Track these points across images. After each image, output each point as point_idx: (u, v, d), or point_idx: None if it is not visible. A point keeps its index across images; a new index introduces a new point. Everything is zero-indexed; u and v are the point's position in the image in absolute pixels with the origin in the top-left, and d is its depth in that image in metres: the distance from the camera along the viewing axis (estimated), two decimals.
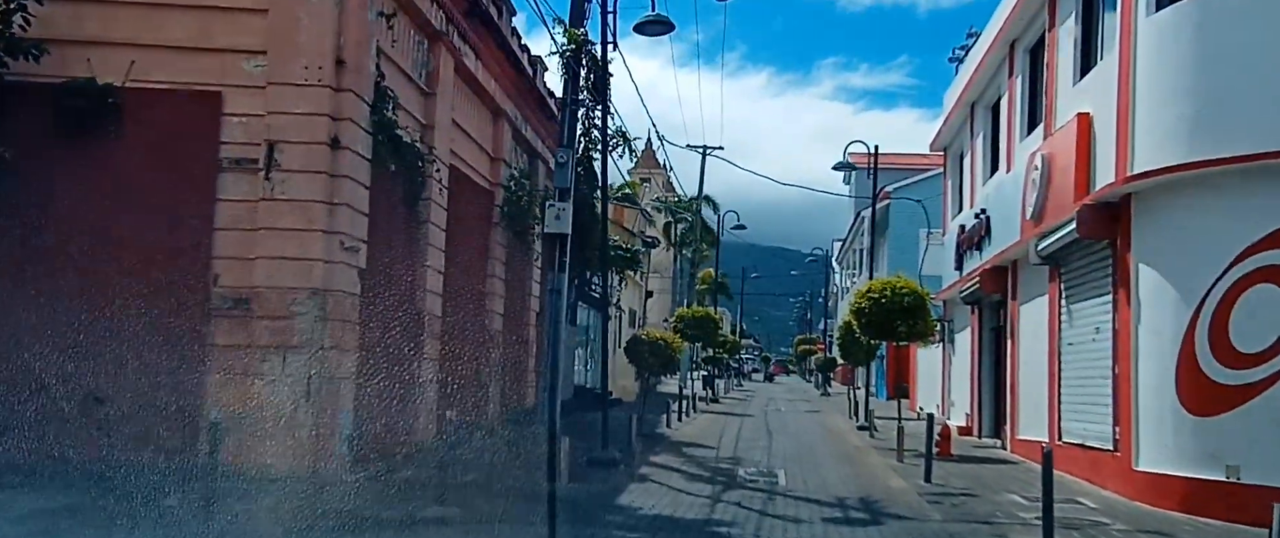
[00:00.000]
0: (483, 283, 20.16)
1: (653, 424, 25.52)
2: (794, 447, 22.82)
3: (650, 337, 23.20)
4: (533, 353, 23.36)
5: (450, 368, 17.46)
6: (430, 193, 16.37)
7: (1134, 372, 15.12)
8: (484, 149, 20.00)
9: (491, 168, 20.48)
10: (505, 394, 21.23)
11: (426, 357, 16.38)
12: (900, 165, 49.59)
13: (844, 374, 60.70)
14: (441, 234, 17.01)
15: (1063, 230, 17.57)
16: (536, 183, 23.02)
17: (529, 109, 22.76)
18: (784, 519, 12.52)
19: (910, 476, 17.39)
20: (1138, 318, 15.10)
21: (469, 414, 18.56)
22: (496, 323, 20.76)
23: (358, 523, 10.69)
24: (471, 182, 19.32)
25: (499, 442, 17.35)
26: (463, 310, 18.65)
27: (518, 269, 22.43)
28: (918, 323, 22.05)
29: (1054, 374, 19.19)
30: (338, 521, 10.88)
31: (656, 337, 23.22)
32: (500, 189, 20.66)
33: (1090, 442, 17.00)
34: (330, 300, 13.18)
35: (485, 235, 20.32)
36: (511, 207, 20.98)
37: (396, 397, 14.84)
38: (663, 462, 18.53)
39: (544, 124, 23.40)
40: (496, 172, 20.59)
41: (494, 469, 14.74)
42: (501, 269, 21.02)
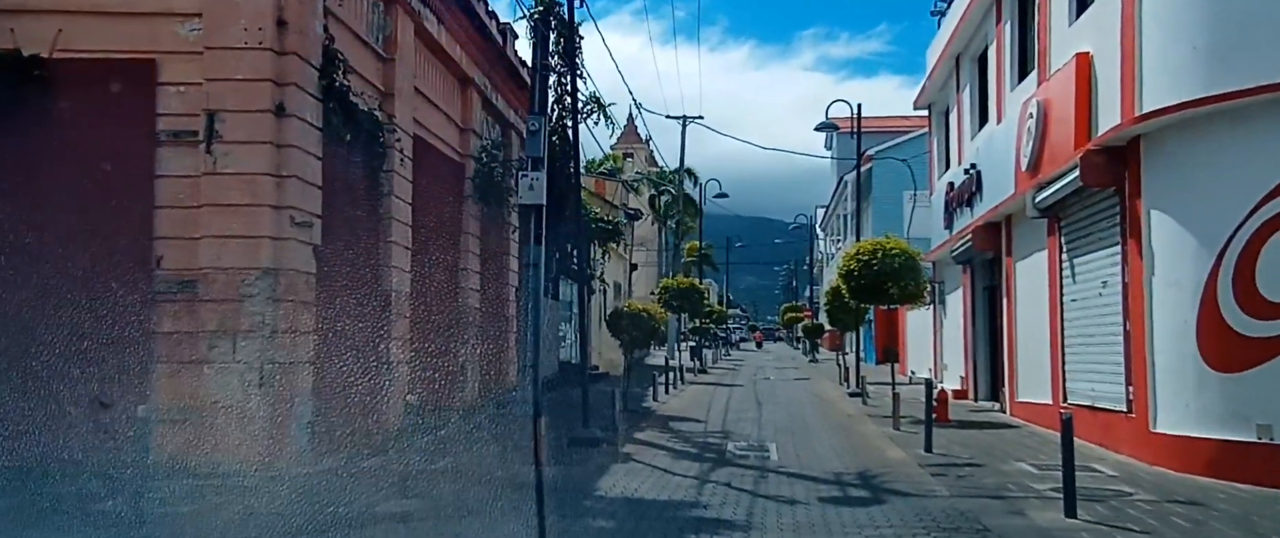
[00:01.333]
0: (456, 258, 18.85)
1: (639, 398, 24.31)
2: (785, 417, 21.63)
3: (632, 309, 21.95)
4: (513, 330, 22.09)
5: (421, 349, 16.18)
6: (392, 164, 15.03)
7: (1148, 327, 13.93)
8: (451, 119, 18.64)
9: (461, 139, 19.12)
10: (484, 374, 19.96)
11: (394, 337, 15.10)
12: (882, 129, 48.31)
13: (832, 340, 59.64)
14: (407, 208, 15.68)
15: (1063, 180, 16.35)
16: (510, 154, 21.68)
17: (499, 78, 21.40)
18: (777, 501, 11.29)
19: (909, 445, 16.20)
20: (1151, 269, 13.89)
21: (444, 397, 17.31)
22: (472, 300, 19.47)
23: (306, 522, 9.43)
24: (439, 153, 17.98)
25: (475, 425, 16.14)
26: (434, 288, 17.35)
27: (494, 244, 21.12)
28: (909, 284, 20.91)
29: (1056, 333, 17.99)
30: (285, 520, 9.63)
31: (639, 309, 21.97)
32: (471, 161, 19.32)
33: (1100, 403, 15.82)
34: (282, 280, 11.91)
35: (457, 209, 18.99)
36: (484, 179, 19.65)
37: (361, 381, 13.57)
38: (648, 439, 17.31)
39: (516, 93, 22.05)
40: (466, 143, 19.24)
41: (467, 455, 13.51)
42: (476, 244, 19.72)
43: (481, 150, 19.76)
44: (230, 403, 11.48)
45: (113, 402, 11.39)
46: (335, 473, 11.63)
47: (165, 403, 11.43)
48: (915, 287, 20.96)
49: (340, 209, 13.53)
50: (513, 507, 10.49)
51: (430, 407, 16.02)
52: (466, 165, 19.23)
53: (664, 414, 21.74)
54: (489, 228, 20.58)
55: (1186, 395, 13.26)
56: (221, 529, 9.39)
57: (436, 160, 17.79)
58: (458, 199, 18.99)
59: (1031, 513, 10.46)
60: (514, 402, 19.58)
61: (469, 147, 19.24)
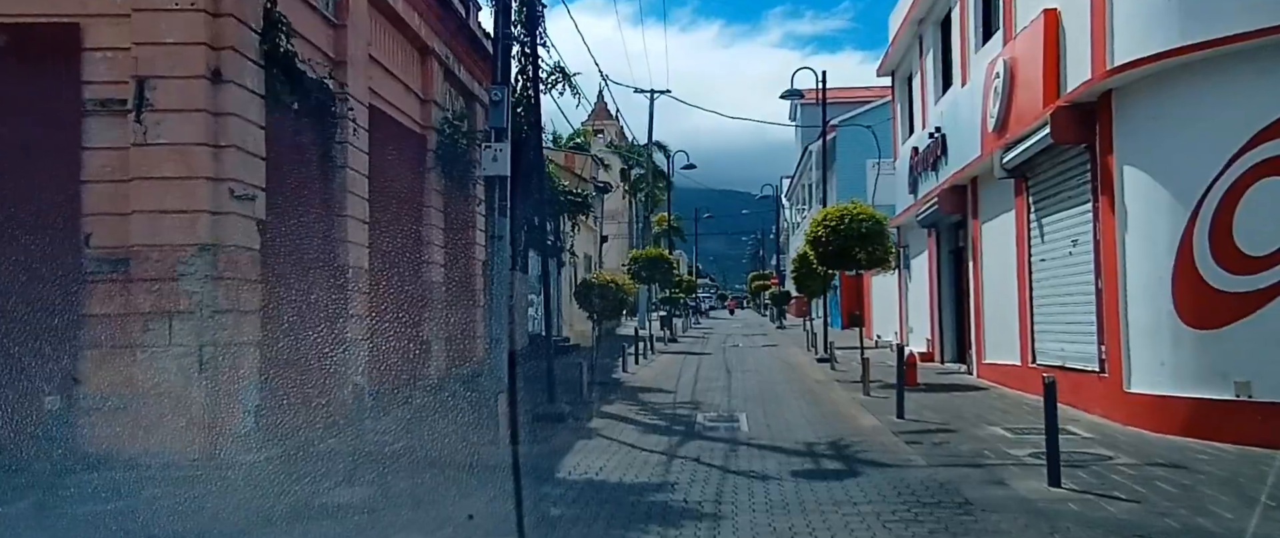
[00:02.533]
0: (419, 232, 17.77)
1: (608, 370, 23.38)
2: (754, 385, 20.73)
3: (601, 280, 20.96)
4: (480, 304, 21.03)
5: (382, 326, 15.14)
6: (345, 135, 13.93)
7: (1121, 285, 13.08)
8: (411, 90, 17.49)
9: (422, 110, 17.99)
10: (451, 350, 18.95)
11: (352, 315, 14.06)
12: (846, 99, 47.31)
13: (798, 307, 58.85)
14: (363, 180, 14.60)
15: (1031, 139, 15.45)
16: (474, 126, 20.53)
17: (461, 49, 20.25)
18: (748, 476, 10.36)
19: (880, 411, 15.34)
20: (1124, 226, 13.03)
21: (407, 375, 16.31)
22: (437, 274, 18.41)
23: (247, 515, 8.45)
24: (398, 124, 16.86)
25: (439, 403, 15.18)
26: (395, 262, 16.32)
27: (459, 217, 20.03)
28: (876, 249, 20.02)
29: (1024, 294, 17.16)
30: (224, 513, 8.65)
31: (607, 280, 20.98)
32: (433, 133, 18.19)
33: (1071, 363, 14.99)
34: (222, 257, 10.83)
35: (419, 182, 17.90)
36: (447, 151, 18.54)
37: (315, 362, 12.56)
38: (617, 412, 16.36)
39: (479, 65, 20.91)
40: (427, 114, 18.11)
41: (428, 436, 12.54)
42: (440, 217, 18.65)
43: (444, 122, 18.65)
44: (167, 389, 10.42)
45: (62, 387, 10.39)
46: (284, 460, 10.60)
47: (97, 390, 10.37)
48: (882, 251, 20.06)
49: (288, 181, 12.45)
50: (468, 493, 9.59)
51: (389, 386, 15.04)
52: (428, 137, 18.12)
53: (633, 386, 20.80)
54: (453, 201, 19.50)
55: (1162, 354, 12.43)
56: (150, 526, 8.38)
57: (396, 132, 16.70)
58: (419, 172, 17.90)
59: (1013, 482, 9.57)
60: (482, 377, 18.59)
61: (430, 118, 18.12)
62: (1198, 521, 7.93)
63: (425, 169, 17.99)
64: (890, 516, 8.30)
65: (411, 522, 8.42)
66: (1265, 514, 8.03)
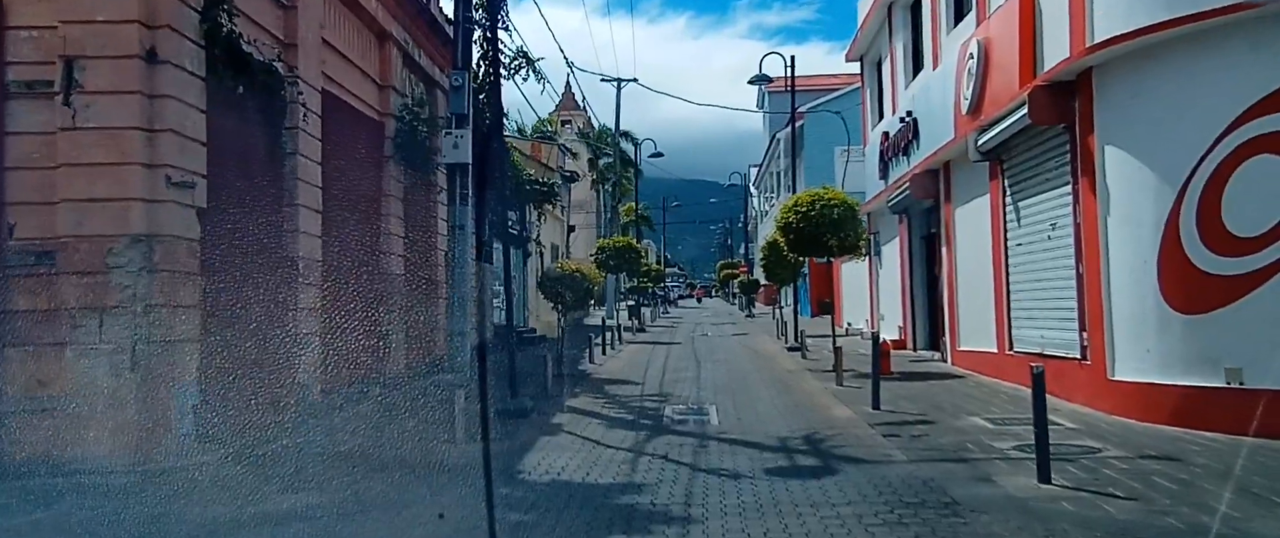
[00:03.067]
0: (377, 222, 16.97)
1: (575, 361, 22.68)
2: (724, 376, 20.09)
3: (566, 269, 20.22)
4: (443, 296, 20.24)
5: (337, 319, 14.35)
6: (296, 120, 13.11)
7: (1104, 269, 12.52)
8: (368, 76, 16.64)
9: (380, 96, 17.15)
10: (412, 345, 18.15)
11: (303, 308, 13.27)
12: (814, 86, 46.78)
13: (767, 295, 58.39)
14: (316, 168, 13.79)
15: (1007, 120, 14.88)
16: (436, 113, 19.71)
17: (421, 33, 19.42)
18: (719, 475, 9.70)
19: (854, 402, 14.74)
20: (1106, 208, 12.46)
21: (364, 371, 15.50)
22: (396, 266, 17.62)
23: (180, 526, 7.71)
24: (355, 111, 16.03)
25: (395, 401, 14.43)
26: (352, 254, 15.54)
27: (420, 207, 19.24)
28: (848, 235, 19.42)
29: (1000, 279, 16.61)
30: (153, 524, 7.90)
31: (572, 269, 20.25)
32: (392, 119, 17.35)
33: (1051, 351, 14.45)
34: (158, 248, 10.03)
35: (377, 170, 17.07)
36: (406, 138, 17.71)
37: (261, 359, 11.75)
38: (582, 405, 15.66)
39: (440, 50, 20.08)
40: (386, 100, 17.27)
41: (382, 436, 11.80)
42: (399, 207, 17.83)
43: (403, 109, 17.82)
44: (98, 389, 9.62)
45: None
46: (225, 465, 9.84)
47: (21, 391, 9.57)
48: (854, 237, 19.46)
49: (233, 169, 11.66)
50: (421, 498, 8.88)
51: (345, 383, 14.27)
52: (387, 124, 17.29)
53: (600, 377, 20.11)
54: (414, 190, 18.70)
55: (1147, 340, 11.88)
56: (71, 534, 7.63)
57: (352, 119, 15.88)
58: (378, 160, 17.08)
59: (1001, 479, 8.96)
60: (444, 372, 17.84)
61: (389, 105, 17.29)
62: (1202, 519, 7.34)
63: (384, 157, 17.18)
64: (872, 518, 7.66)
65: (358, 533, 7.71)
66: (1274, 512, 7.45)
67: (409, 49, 18.37)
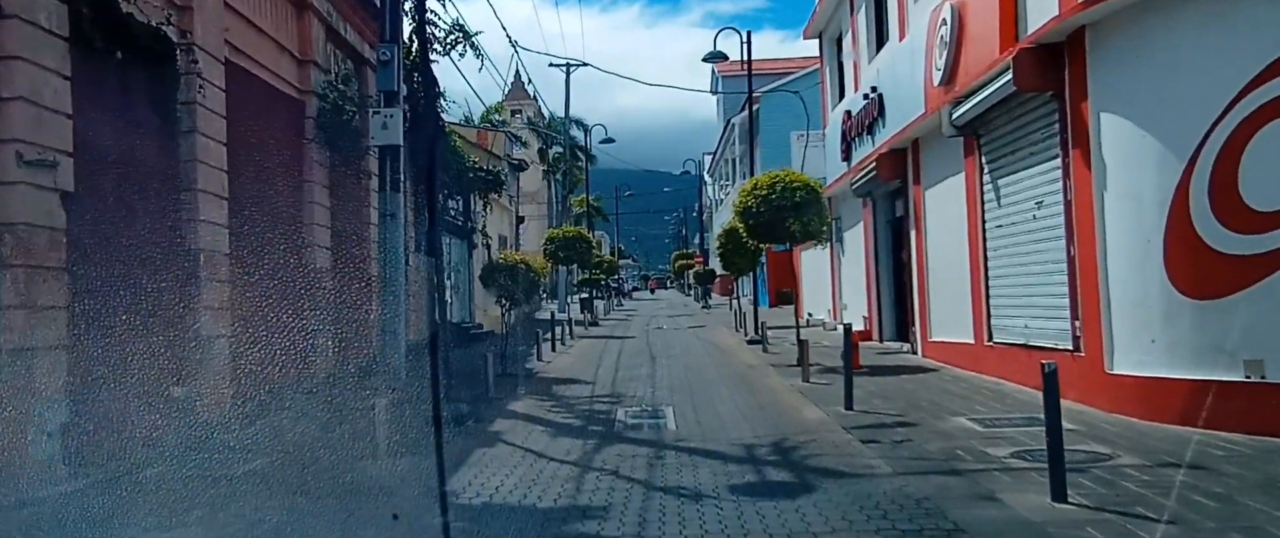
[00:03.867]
0: (299, 211, 15.45)
1: (521, 359, 21.24)
2: (681, 373, 18.76)
3: (508, 260, 18.77)
4: (377, 291, 18.72)
5: (249, 319, 12.85)
6: (192, 94, 11.58)
7: (1101, 251, 11.31)
8: (285, 48, 15.08)
9: (299, 72, 15.60)
10: (342, 344, 16.61)
11: (206, 307, 11.78)
12: (769, 70, 45.52)
13: (723, 285, 57.25)
14: (220, 149, 12.26)
15: (985, 90, 13.67)
16: (365, 92, 18.17)
17: (346, 5, 17.88)
18: (678, 495, 8.35)
19: (824, 400, 13.48)
20: (1102, 183, 11.25)
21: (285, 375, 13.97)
22: (322, 259, 16.10)
23: None
24: (269, 87, 14.49)
25: (315, 409, 12.88)
26: (268, 246, 14.00)
27: (349, 194, 17.71)
28: (811, 220, 18.15)
29: (978, 264, 15.42)
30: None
31: (516, 260, 18.81)
32: (312, 97, 15.81)
33: (1037, 341, 13.27)
34: (10, 239, 8.51)
35: (297, 153, 15.54)
36: (331, 119, 16.17)
37: (151, 366, 10.22)
38: (526, 409, 14.28)
39: (368, 25, 18.53)
40: (306, 76, 15.72)
41: (293, 453, 10.30)
42: (325, 195, 16.32)
43: (326, 86, 16.28)
44: None
45: None
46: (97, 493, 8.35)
47: None
48: (818, 222, 18.20)
49: (110, 147, 10.13)
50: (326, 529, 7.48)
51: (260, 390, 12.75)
52: (307, 103, 15.74)
53: (548, 377, 18.69)
54: (341, 176, 17.17)
55: (1152, 329, 10.69)
56: None
57: (266, 95, 14.36)
58: (298, 142, 15.55)
59: (1006, 496, 7.68)
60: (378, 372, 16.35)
61: (310, 81, 15.73)
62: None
63: (305, 139, 15.64)
64: None
65: None
66: None
67: (333, 21, 16.84)
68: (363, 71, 18.47)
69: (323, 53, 16.34)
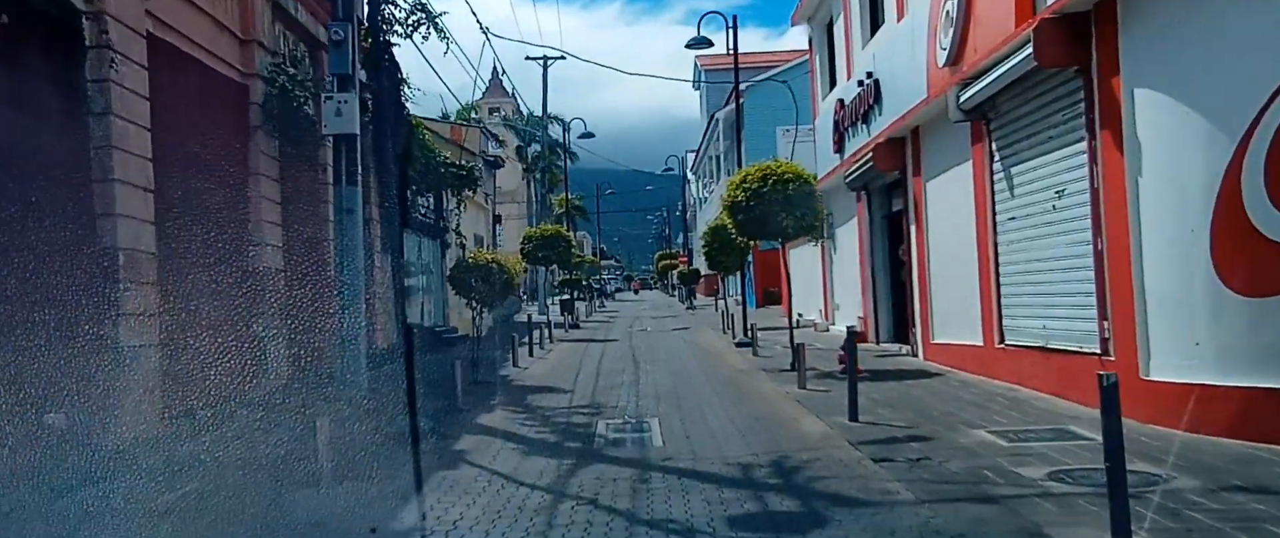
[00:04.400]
0: (245, 207, 14.18)
1: (496, 365, 20.02)
2: (667, 379, 17.54)
3: (479, 260, 17.51)
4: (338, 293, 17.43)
5: (184, 326, 11.60)
6: (104, 71, 10.27)
7: (1135, 242, 10.14)
8: (224, 26, 13.77)
9: (241, 53, 14.30)
10: (296, 352, 15.31)
11: (129, 314, 10.48)
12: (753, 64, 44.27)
13: (708, 286, 56.10)
14: (143, 135, 10.95)
15: (999, 69, 12.49)
16: (321, 77, 16.87)
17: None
18: (667, 530, 7.15)
19: (825, 410, 12.29)
20: (1137, 167, 10.07)
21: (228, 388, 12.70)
22: (272, 259, 14.83)
23: None
24: (206, 68, 13.18)
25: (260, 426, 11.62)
26: (206, 244, 12.77)
27: (306, 190, 16.43)
28: (805, 214, 16.93)
29: (987, 259, 14.26)
30: None
31: (487, 259, 17.55)
32: (257, 81, 14.52)
33: (1057, 343, 12.10)
34: None
35: (241, 143, 14.25)
36: (280, 106, 14.87)
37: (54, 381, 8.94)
38: (496, 423, 13.03)
39: (323, 4, 17.24)
40: (250, 58, 14.42)
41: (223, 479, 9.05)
42: (274, 189, 15.04)
43: (274, 69, 14.98)
44: None
45: None
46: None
47: None
48: (812, 216, 16.99)
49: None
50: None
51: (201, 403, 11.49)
52: (252, 87, 14.45)
53: (523, 384, 17.44)
54: (295, 169, 15.90)
55: (1196, 330, 9.52)
56: None
57: (202, 77, 13.08)
58: (242, 130, 14.27)
59: (1057, 532, 6.49)
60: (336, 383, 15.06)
61: (254, 63, 14.43)
62: None
63: (250, 127, 14.35)
64: None
65: None
66: None
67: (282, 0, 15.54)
68: (318, 56, 17.16)
69: (269, 33, 15.04)
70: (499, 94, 72.25)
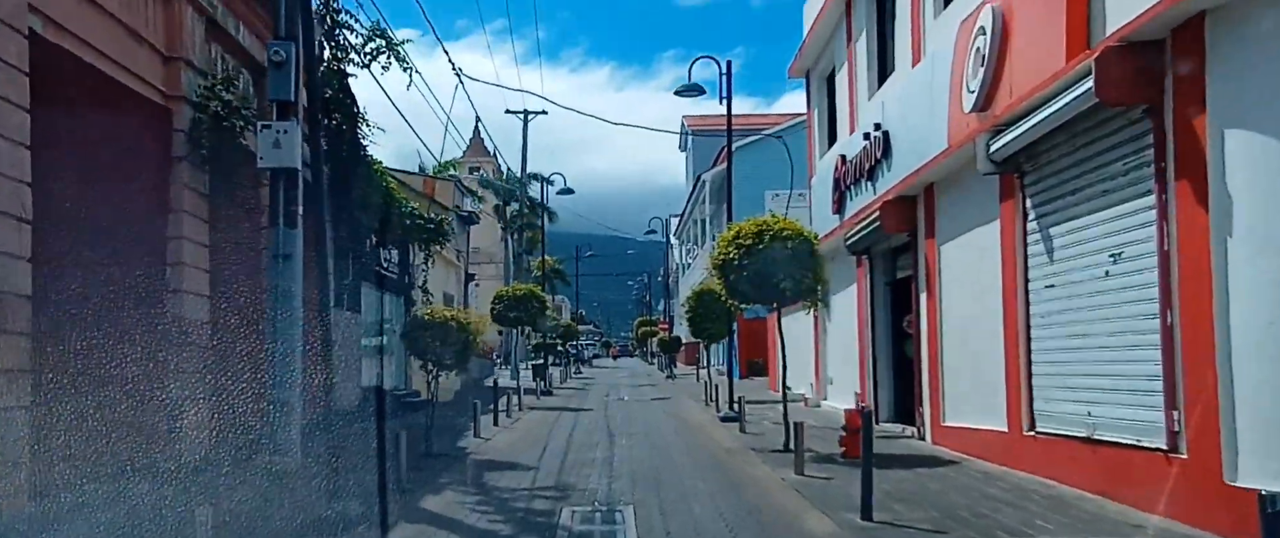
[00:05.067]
0: (161, 247, 12.23)
1: (457, 434, 18.03)
2: (646, 456, 15.58)
3: (437, 317, 15.57)
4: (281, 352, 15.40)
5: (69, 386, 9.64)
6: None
7: (1220, 316, 8.33)
8: (143, 39, 11.85)
9: (165, 72, 12.40)
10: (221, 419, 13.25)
11: None
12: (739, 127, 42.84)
13: (689, 354, 54.17)
14: (19, 153, 9.01)
15: (1041, 112, 10.81)
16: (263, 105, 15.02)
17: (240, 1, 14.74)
18: None
19: (831, 504, 10.36)
20: (1225, 225, 8.29)
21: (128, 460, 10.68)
22: (194, 310, 12.83)
23: None
24: (118, 85, 11.24)
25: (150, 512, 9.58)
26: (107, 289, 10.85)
27: (244, 233, 14.48)
28: (806, 276, 15.11)
29: (1015, 333, 12.44)
30: None
31: (447, 316, 15.61)
32: (183, 105, 12.63)
33: (1108, 434, 10.24)
34: None
35: (160, 174, 12.33)
36: (211, 136, 12.96)
37: None
38: (442, 508, 11.05)
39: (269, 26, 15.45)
40: (175, 78, 12.51)
41: None
42: (199, 229, 13.08)
43: (207, 93, 13.12)
44: None
45: None
46: None
47: None
48: (813, 279, 15.16)
49: None
50: None
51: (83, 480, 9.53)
52: (177, 112, 12.56)
53: (482, 459, 15.39)
54: (229, 208, 13.98)
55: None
56: None
57: (112, 95, 11.22)
58: (162, 161, 12.37)
59: None
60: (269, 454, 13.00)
61: (180, 84, 12.55)
62: None
63: (172, 158, 12.45)
64: None
65: None
66: None
67: (218, 15, 13.71)
68: (262, 84, 15.27)
69: (201, 51, 13.18)
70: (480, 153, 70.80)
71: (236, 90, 13.60)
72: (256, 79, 15.36)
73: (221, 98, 13.21)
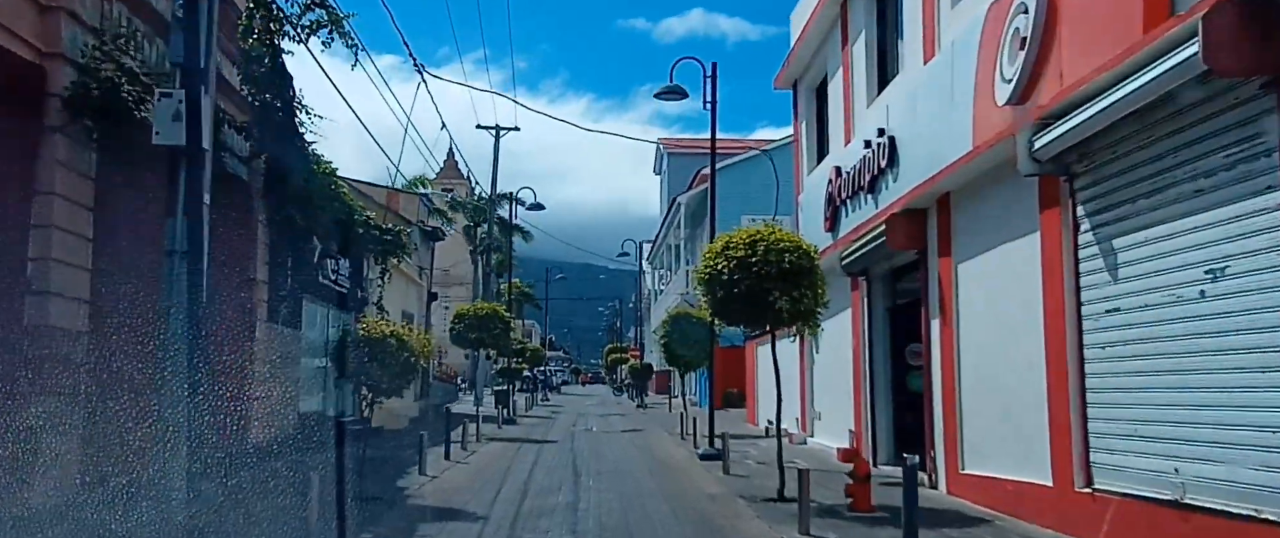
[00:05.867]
0: (21, 238, 9.81)
1: (401, 469, 15.56)
2: (616, 505, 13.16)
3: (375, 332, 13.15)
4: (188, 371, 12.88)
5: None
6: None
7: None
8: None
9: (41, 24, 10.02)
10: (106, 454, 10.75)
11: None
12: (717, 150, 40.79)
13: (660, 383, 51.76)
14: None
15: (1111, 95, 8.55)
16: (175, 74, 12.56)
17: None
18: None
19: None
20: None
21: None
22: (66, 317, 10.39)
23: None
24: None
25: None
26: None
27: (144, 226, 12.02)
28: (805, 294, 12.81)
29: (1063, 367, 10.14)
30: None
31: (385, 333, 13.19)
32: (62, 64, 10.23)
33: (1202, 499, 7.94)
34: None
35: (24, 148, 9.93)
36: (97, 104, 10.54)
37: None
38: None
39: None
40: (52, 31, 10.09)
41: None
42: (80, 218, 10.63)
43: (99, 55, 10.71)
44: None
45: None
46: None
47: None
48: (813, 298, 12.86)
49: None
50: None
51: None
52: (53, 73, 10.15)
53: (423, 504, 12.90)
54: (124, 195, 11.54)
55: None
56: None
57: None
58: (26, 129, 9.95)
59: None
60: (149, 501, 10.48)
61: (59, 40, 10.15)
62: None
63: (44, 129, 10.04)
64: None
65: None
66: None
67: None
68: None
69: (91, 5, 10.80)
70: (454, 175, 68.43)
71: (139, 55, 11.19)
72: (164, 37, 12.94)
73: (116, 61, 10.80)
